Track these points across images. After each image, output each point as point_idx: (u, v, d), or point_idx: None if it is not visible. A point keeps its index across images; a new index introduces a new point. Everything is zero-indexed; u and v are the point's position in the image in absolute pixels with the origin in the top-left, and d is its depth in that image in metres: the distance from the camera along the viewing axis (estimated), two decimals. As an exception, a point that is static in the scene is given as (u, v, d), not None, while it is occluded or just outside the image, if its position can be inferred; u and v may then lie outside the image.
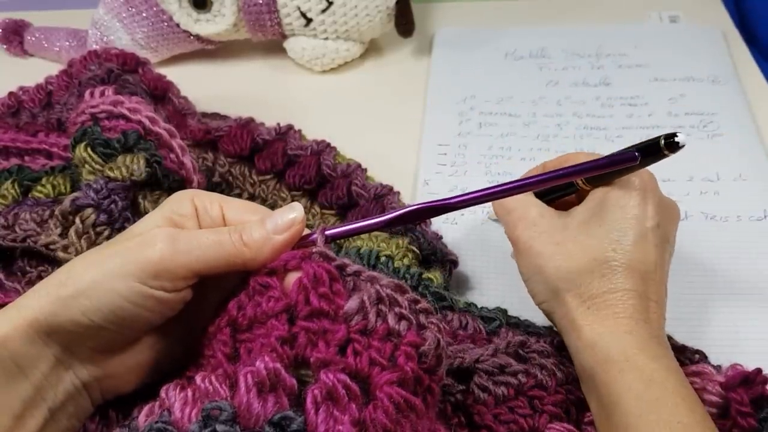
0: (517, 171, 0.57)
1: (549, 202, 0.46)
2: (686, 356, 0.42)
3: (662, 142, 0.39)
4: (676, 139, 0.38)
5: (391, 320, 0.32)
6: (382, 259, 0.49)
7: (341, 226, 0.37)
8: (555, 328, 0.43)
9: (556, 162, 0.46)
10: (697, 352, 0.43)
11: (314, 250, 0.34)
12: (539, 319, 0.49)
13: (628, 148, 0.42)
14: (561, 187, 0.46)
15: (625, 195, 0.41)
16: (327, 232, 0.36)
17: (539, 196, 0.46)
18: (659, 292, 0.40)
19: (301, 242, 0.36)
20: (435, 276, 0.50)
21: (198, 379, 0.30)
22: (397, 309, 0.32)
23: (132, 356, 0.35)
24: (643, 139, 0.41)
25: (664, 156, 0.40)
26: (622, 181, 0.42)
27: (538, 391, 0.40)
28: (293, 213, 0.35)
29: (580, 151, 0.46)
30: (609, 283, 0.39)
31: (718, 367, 0.40)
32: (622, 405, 0.35)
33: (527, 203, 0.45)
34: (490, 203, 0.50)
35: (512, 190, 0.39)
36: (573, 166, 0.40)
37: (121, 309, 0.32)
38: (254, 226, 0.35)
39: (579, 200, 0.45)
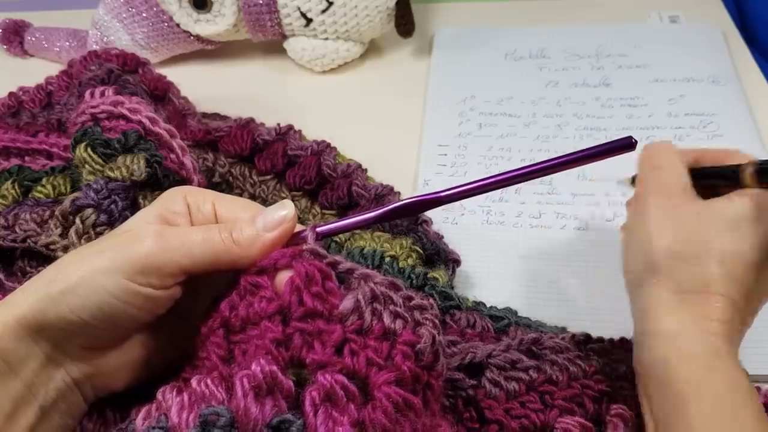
0: (517, 171, 0.57)
1: (705, 192, 0.41)
2: None
3: None
4: None
5: (387, 319, 0.32)
6: (387, 259, 0.49)
7: (332, 223, 0.37)
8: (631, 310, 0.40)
9: (714, 154, 0.43)
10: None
11: (305, 247, 0.34)
12: (539, 319, 0.49)
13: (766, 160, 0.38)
14: (725, 177, 0.41)
15: None
16: (318, 229, 0.36)
17: (698, 178, 0.41)
18: (748, 316, 0.38)
19: (292, 240, 0.36)
20: (440, 275, 0.50)
21: (194, 382, 0.30)
22: (392, 307, 0.32)
23: (123, 354, 0.35)
24: (643, 140, 0.40)
25: None
26: None
27: (549, 386, 0.40)
28: (284, 210, 0.35)
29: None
30: (710, 283, 0.37)
31: (757, 389, 0.38)
32: (700, 403, 0.33)
33: (678, 172, 0.41)
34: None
35: (502, 182, 0.39)
36: (567, 155, 0.38)
37: (109, 306, 0.32)
38: (244, 224, 0.34)
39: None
